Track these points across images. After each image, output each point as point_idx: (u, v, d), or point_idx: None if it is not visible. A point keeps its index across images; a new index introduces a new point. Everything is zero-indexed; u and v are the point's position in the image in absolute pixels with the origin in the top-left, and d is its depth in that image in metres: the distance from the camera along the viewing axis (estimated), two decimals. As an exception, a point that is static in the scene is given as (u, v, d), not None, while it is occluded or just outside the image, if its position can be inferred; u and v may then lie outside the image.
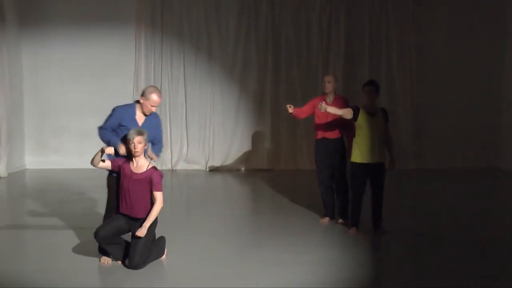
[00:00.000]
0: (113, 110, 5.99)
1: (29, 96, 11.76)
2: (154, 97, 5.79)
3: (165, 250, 5.98)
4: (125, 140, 5.68)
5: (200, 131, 11.87)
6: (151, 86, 6.07)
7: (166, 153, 11.76)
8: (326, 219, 7.48)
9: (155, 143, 6.03)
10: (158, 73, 11.76)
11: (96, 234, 5.55)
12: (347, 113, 6.79)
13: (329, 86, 7.33)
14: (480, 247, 6.46)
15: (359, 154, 6.83)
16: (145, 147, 5.67)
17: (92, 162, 5.73)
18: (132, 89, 11.74)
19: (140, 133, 5.58)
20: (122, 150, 5.73)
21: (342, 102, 7.32)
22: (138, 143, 5.56)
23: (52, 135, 11.83)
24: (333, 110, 6.79)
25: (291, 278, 5.44)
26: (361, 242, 6.62)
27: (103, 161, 5.72)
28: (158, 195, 5.62)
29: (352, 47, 11.82)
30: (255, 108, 11.89)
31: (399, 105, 11.79)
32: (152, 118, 5.96)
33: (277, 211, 8.23)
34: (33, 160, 11.82)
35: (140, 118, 5.89)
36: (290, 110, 7.30)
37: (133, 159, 5.66)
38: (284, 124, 11.84)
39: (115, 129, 5.88)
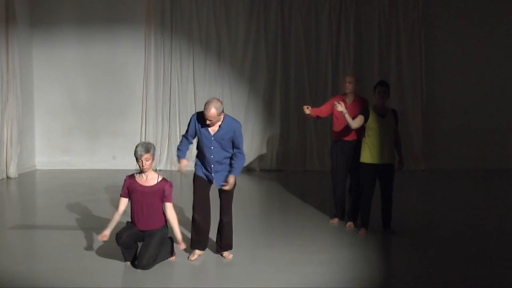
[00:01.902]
0: (191, 117, 5.93)
1: (40, 97, 11.81)
2: (205, 109, 5.62)
3: (175, 250, 5.99)
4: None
5: (209, 131, 11.86)
6: (211, 98, 5.86)
7: (175, 153, 11.72)
8: (336, 220, 7.45)
9: (236, 154, 5.82)
10: (168, 73, 11.79)
11: (118, 237, 5.60)
12: (356, 124, 6.75)
13: (349, 86, 7.24)
14: (492, 247, 6.42)
15: (368, 154, 6.82)
16: (153, 162, 5.66)
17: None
18: (142, 89, 11.77)
19: (147, 150, 5.55)
20: (182, 166, 5.86)
21: (361, 103, 7.22)
22: (146, 160, 5.55)
23: (63, 135, 11.87)
24: (347, 117, 6.75)
25: (301, 279, 5.44)
26: (371, 243, 6.61)
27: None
28: (169, 206, 5.66)
29: (362, 47, 11.80)
30: (264, 108, 11.89)
31: (409, 105, 11.75)
32: (224, 127, 5.74)
33: (287, 211, 8.23)
34: (43, 161, 11.87)
35: (212, 128, 5.79)
36: (308, 111, 7.21)
37: (142, 174, 5.67)
38: (293, 125, 11.82)
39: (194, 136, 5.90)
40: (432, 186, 10.56)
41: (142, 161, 5.55)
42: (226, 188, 5.79)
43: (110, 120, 11.81)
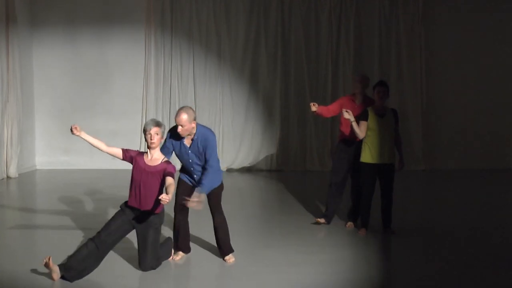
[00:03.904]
0: (167, 135, 5.80)
1: (40, 97, 11.81)
2: (176, 115, 5.57)
3: (172, 251, 5.98)
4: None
5: (209, 131, 11.86)
6: (183, 106, 5.82)
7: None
8: (323, 220, 7.32)
9: (206, 168, 5.63)
10: (168, 73, 11.79)
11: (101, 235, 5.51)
12: (363, 133, 6.75)
13: (359, 86, 7.13)
14: (492, 248, 6.43)
15: (368, 154, 6.83)
16: (162, 140, 5.52)
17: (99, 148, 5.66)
18: (142, 89, 11.78)
19: (157, 124, 5.46)
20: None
21: (369, 105, 7.08)
22: (155, 133, 5.42)
23: (63, 135, 11.84)
24: (354, 126, 6.74)
25: (301, 279, 5.44)
26: (371, 243, 6.61)
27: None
28: (171, 179, 5.38)
29: (362, 47, 11.79)
30: (265, 108, 11.89)
31: (409, 105, 11.74)
32: (198, 138, 5.65)
33: (286, 211, 8.23)
34: (43, 161, 11.88)
35: (187, 141, 5.72)
36: (314, 108, 7.05)
37: (149, 150, 5.55)
38: (293, 124, 11.82)
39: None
40: (432, 186, 10.56)
41: (150, 134, 5.42)
42: (189, 205, 5.44)
43: (110, 120, 11.81)
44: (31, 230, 7.27)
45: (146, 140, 5.52)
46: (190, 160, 5.74)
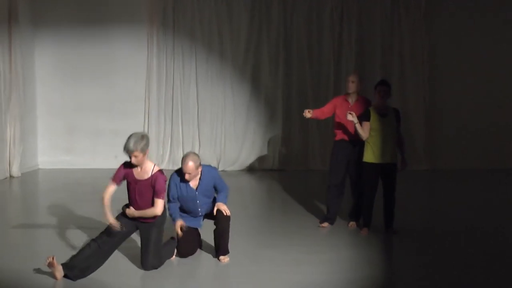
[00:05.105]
0: (169, 179, 5.93)
1: (42, 96, 11.83)
2: (183, 163, 5.74)
3: (175, 250, 5.99)
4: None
5: (211, 131, 11.88)
6: (187, 153, 5.97)
7: (178, 152, 11.80)
8: (326, 224, 7.27)
9: (219, 192, 6.05)
10: (170, 73, 11.79)
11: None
12: (366, 134, 6.77)
13: (352, 86, 7.11)
14: (495, 248, 6.42)
15: (371, 154, 6.83)
16: (147, 150, 5.51)
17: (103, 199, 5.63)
18: (144, 89, 11.79)
19: (135, 148, 5.36)
20: (179, 226, 5.84)
21: (364, 104, 7.13)
22: (134, 157, 5.42)
23: (65, 135, 11.89)
24: (358, 127, 6.75)
25: (303, 278, 5.45)
26: (373, 243, 6.61)
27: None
28: (159, 203, 5.51)
29: (364, 46, 11.77)
30: (267, 108, 11.89)
31: (412, 104, 11.72)
32: (204, 178, 5.90)
33: (288, 211, 8.23)
34: (46, 160, 11.89)
35: (193, 182, 5.90)
36: (309, 115, 7.14)
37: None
38: (295, 124, 11.81)
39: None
40: (434, 186, 10.55)
41: (131, 158, 5.46)
42: (222, 208, 5.89)
43: (112, 119, 11.82)
44: (33, 229, 7.29)
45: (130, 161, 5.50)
46: (198, 201, 5.93)
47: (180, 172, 5.84)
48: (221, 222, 5.94)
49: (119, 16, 11.71)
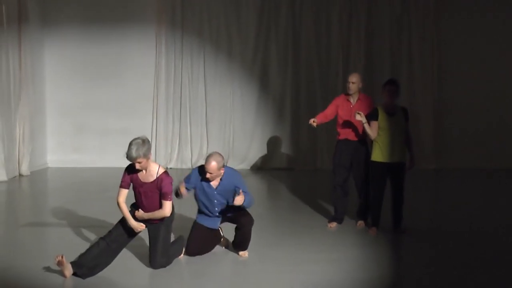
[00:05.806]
0: (193, 170, 6.01)
1: (52, 96, 11.88)
2: (206, 162, 5.75)
3: (183, 249, 6.01)
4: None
5: (220, 130, 11.89)
6: (212, 152, 5.93)
7: (186, 151, 11.83)
8: (334, 224, 7.27)
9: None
10: (179, 72, 11.82)
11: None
12: (375, 133, 6.76)
13: (353, 87, 7.12)
14: (505, 247, 6.40)
15: (379, 153, 6.82)
16: (150, 155, 5.52)
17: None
18: (153, 88, 11.82)
19: (137, 155, 5.38)
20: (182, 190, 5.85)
21: (367, 103, 7.14)
22: (138, 163, 5.44)
23: (74, 134, 11.94)
24: (366, 127, 6.74)
25: (311, 278, 5.44)
26: (381, 242, 6.60)
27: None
28: (167, 205, 5.53)
29: (373, 46, 11.74)
30: (275, 107, 11.89)
31: (420, 103, 11.68)
32: (225, 179, 5.87)
33: (296, 210, 8.23)
34: (54, 159, 11.95)
35: (214, 182, 5.89)
36: (314, 124, 7.17)
37: None
38: (304, 123, 11.76)
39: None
40: (443, 185, 10.51)
41: (135, 164, 5.46)
42: (237, 199, 5.74)
43: (121, 118, 11.86)
44: (43, 228, 7.33)
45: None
46: (215, 200, 5.91)
47: (203, 170, 5.82)
48: (245, 226, 5.97)
49: (128, 15, 11.74)
